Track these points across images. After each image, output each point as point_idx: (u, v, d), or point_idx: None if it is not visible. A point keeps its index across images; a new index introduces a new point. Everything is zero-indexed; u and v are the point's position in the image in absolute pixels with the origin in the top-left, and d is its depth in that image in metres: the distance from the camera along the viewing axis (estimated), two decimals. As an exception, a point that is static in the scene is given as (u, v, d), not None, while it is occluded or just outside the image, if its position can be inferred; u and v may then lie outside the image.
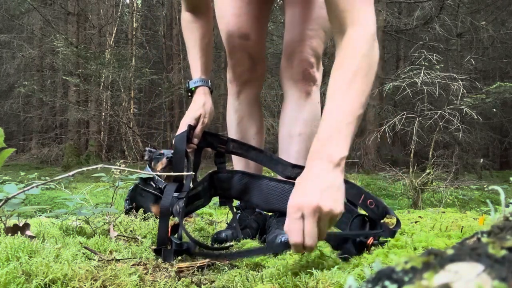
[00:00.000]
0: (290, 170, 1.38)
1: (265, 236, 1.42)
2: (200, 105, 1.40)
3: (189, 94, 1.46)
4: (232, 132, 1.65)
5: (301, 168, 1.38)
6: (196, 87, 1.43)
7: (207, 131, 1.43)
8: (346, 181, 1.31)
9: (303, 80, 1.53)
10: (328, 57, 8.94)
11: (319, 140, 0.93)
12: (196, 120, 1.38)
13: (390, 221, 1.26)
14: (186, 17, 1.52)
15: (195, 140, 1.40)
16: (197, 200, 1.32)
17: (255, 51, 1.58)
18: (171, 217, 1.23)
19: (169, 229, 1.12)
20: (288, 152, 1.51)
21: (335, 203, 0.84)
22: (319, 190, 0.84)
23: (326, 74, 1.58)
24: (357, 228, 1.21)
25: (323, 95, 1.44)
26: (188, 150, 1.34)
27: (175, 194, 1.21)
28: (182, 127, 1.36)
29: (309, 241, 0.83)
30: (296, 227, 0.83)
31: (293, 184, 1.34)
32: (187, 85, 1.46)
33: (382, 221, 1.20)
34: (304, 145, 1.51)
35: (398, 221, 1.20)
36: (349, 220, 1.25)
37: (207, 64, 1.49)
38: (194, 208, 1.35)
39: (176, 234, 1.12)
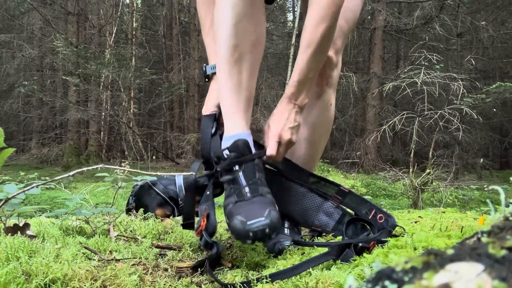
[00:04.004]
0: (306, 177, 1.36)
1: None
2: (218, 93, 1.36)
3: (206, 79, 1.42)
4: (223, 35, 1.22)
5: (317, 177, 1.36)
6: (213, 74, 1.38)
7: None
8: (356, 196, 1.31)
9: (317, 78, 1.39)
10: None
11: (295, 86, 1.24)
12: (218, 107, 1.33)
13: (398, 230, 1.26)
14: None
15: (221, 129, 1.33)
16: (217, 188, 1.28)
17: None
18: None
19: (204, 219, 1.09)
20: (292, 156, 1.43)
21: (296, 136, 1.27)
22: (291, 129, 1.25)
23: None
24: (353, 231, 1.21)
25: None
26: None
27: (205, 172, 1.26)
28: (206, 113, 1.34)
29: (279, 157, 1.26)
30: (274, 146, 1.23)
31: (309, 188, 1.34)
32: (204, 69, 1.41)
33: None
34: (308, 151, 1.46)
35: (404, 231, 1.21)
36: (354, 231, 1.24)
37: None
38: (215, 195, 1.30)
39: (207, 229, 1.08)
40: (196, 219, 1.23)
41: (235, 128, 1.19)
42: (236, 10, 1.19)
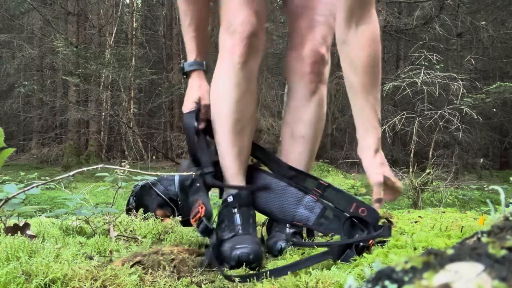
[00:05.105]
0: (285, 170, 1.38)
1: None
2: (196, 88, 1.41)
3: (185, 75, 1.46)
4: (227, 110, 1.33)
5: (296, 171, 1.38)
6: (191, 71, 1.42)
7: (209, 119, 1.41)
8: (335, 189, 1.32)
9: (310, 74, 1.43)
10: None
11: (374, 136, 1.26)
12: (196, 103, 1.39)
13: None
14: None
15: (202, 124, 1.40)
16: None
17: (262, 12, 1.37)
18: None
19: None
20: (290, 153, 1.47)
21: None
22: (384, 165, 1.26)
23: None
24: (349, 231, 1.21)
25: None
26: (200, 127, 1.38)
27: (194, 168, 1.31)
28: (186, 110, 1.39)
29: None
30: (380, 178, 1.23)
31: (290, 183, 1.35)
32: (182, 66, 1.44)
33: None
34: (306, 147, 1.47)
35: (390, 223, 1.21)
36: (338, 225, 1.25)
37: (202, 43, 1.43)
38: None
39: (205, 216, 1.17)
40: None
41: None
42: (239, 88, 1.32)
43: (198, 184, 1.28)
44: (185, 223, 1.32)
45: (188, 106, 1.40)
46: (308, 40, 1.42)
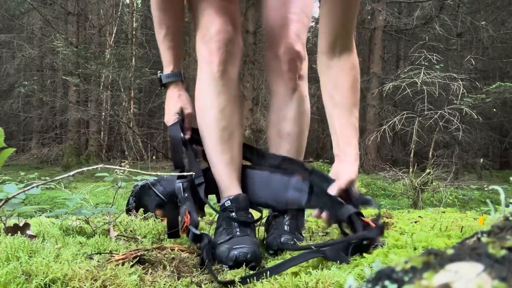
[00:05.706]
0: (270, 159, 1.42)
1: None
2: (176, 99, 1.41)
3: (163, 87, 1.46)
4: (213, 119, 1.34)
5: (281, 158, 1.41)
6: (169, 83, 1.43)
7: (194, 127, 1.42)
8: (319, 174, 1.32)
9: (289, 72, 1.44)
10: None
11: (351, 146, 1.28)
12: (178, 113, 1.39)
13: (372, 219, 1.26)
14: None
15: (188, 133, 1.41)
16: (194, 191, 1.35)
17: (236, 18, 1.37)
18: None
19: (187, 217, 1.20)
20: (278, 152, 1.49)
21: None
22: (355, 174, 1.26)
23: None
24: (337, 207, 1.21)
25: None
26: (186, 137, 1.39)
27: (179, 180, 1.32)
28: (170, 123, 1.40)
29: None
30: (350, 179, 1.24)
31: (273, 171, 1.38)
32: (159, 76, 1.45)
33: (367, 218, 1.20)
34: (293, 145, 1.49)
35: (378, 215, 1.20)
36: (326, 199, 1.26)
37: (178, 52, 1.44)
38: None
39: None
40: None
41: (234, 191, 1.32)
42: (222, 96, 1.34)
43: (186, 195, 1.29)
44: (171, 235, 1.31)
45: (170, 118, 1.39)
46: (282, 38, 1.43)
